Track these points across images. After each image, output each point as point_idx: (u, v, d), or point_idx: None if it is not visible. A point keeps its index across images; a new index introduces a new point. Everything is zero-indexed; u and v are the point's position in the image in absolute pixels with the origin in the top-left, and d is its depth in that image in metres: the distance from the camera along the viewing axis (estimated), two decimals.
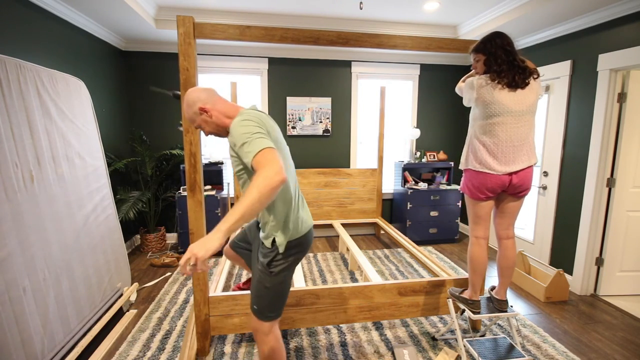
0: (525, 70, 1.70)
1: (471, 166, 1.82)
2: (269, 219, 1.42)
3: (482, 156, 1.77)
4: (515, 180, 1.75)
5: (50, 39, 2.59)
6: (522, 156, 1.74)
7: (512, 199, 1.86)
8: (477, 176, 1.80)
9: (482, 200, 1.83)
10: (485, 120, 1.75)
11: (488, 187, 1.77)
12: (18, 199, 1.70)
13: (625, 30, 2.50)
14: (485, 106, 1.74)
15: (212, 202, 3.60)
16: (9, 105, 1.72)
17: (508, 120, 1.71)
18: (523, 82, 1.69)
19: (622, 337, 2.25)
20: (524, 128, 1.73)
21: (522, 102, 1.70)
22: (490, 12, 3.20)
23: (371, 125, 4.48)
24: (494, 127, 1.73)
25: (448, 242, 4.21)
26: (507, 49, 1.70)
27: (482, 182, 1.78)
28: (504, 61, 1.69)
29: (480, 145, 1.78)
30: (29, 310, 1.67)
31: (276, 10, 3.30)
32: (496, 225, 1.94)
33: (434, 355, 2.05)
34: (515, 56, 1.70)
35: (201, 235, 1.94)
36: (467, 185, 1.87)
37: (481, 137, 1.78)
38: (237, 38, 1.84)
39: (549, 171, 3.20)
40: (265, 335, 1.47)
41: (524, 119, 1.72)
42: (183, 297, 2.73)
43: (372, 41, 1.98)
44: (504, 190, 1.81)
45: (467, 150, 1.86)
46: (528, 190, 1.82)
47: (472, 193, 1.84)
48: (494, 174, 1.74)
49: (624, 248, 2.75)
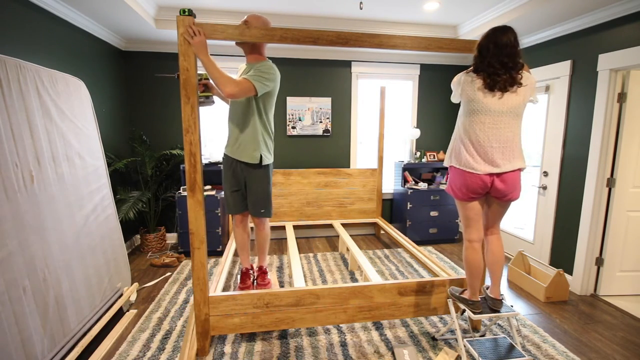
0: (511, 74, 1.67)
1: (454, 163, 1.84)
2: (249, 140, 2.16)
3: (463, 154, 1.78)
4: (498, 184, 1.74)
5: (50, 39, 2.59)
6: (503, 159, 1.72)
7: (496, 203, 1.86)
8: (458, 175, 1.81)
9: (467, 201, 1.84)
10: (467, 117, 1.77)
11: (469, 186, 1.77)
12: (18, 199, 1.70)
13: (625, 30, 2.50)
14: (467, 102, 1.76)
15: (212, 202, 3.60)
16: (9, 105, 1.72)
17: (486, 119, 1.71)
18: (504, 87, 1.67)
19: (622, 337, 2.25)
20: (505, 130, 1.71)
21: (503, 103, 1.69)
22: (490, 12, 3.20)
23: (371, 125, 4.48)
24: (473, 126, 1.75)
25: (448, 242, 4.21)
26: (497, 47, 1.67)
27: (462, 181, 1.79)
28: (490, 61, 1.68)
29: (461, 144, 1.80)
30: (29, 310, 1.67)
31: (276, 10, 3.30)
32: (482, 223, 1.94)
33: (434, 355, 2.05)
34: (503, 58, 1.66)
35: (201, 235, 1.94)
36: (451, 185, 1.89)
37: (462, 136, 1.80)
38: (237, 38, 1.84)
39: (549, 171, 3.20)
40: (267, 224, 2.37)
41: (503, 120, 1.71)
42: (183, 297, 2.73)
43: (372, 41, 1.97)
44: (489, 193, 1.80)
45: (451, 147, 1.89)
46: (514, 196, 1.79)
47: (455, 193, 1.86)
48: (474, 172, 1.74)
49: (624, 248, 2.75)
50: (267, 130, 2.17)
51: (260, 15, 2.11)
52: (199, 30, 1.75)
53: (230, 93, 1.85)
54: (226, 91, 1.84)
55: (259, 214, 2.26)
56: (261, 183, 2.21)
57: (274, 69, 2.08)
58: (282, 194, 4.11)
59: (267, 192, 2.26)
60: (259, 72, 2.00)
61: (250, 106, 2.10)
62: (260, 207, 2.25)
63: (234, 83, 1.87)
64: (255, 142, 2.12)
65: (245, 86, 1.91)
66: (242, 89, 1.90)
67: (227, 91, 1.84)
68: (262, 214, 2.27)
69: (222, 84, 1.84)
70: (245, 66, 2.19)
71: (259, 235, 2.38)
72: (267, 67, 2.04)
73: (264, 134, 2.15)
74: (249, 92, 1.94)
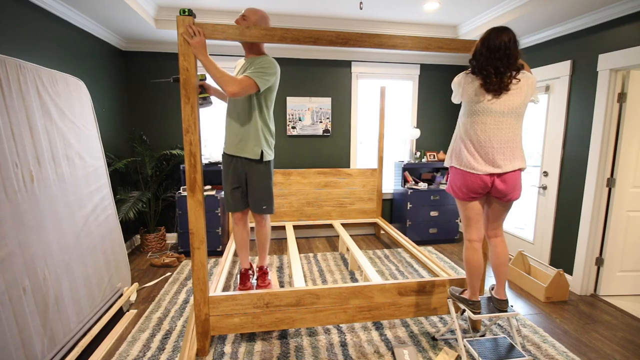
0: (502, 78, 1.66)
1: (454, 164, 1.84)
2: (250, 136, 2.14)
3: (463, 155, 1.78)
4: (499, 184, 1.74)
5: (50, 39, 2.59)
6: (504, 159, 1.72)
7: (498, 203, 1.86)
8: (459, 175, 1.81)
9: (468, 201, 1.84)
10: (468, 118, 1.77)
11: (469, 186, 1.77)
12: (18, 199, 1.70)
13: (625, 30, 2.50)
14: (468, 103, 1.76)
15: (212, 202, 3.60)
16: (9, 105, 1.72)
17: (488, 120, 1.71)
18: (502, 87, 1.67)
19: (622, 337, 2.25)
20: (506, 130, 1.71)
21: (504, 104, 1.69)
22: (490, 12, 3.20)
23: (371, 125, 4.48)
24: (475, 127, 1.75)
25: (448, 242, 4.21)
26: (489, 51, 1.65)
27: (463, 181, 1.79)
28: (483, 65, 1.67)
29: (462, 144, 1.80)
30: (29, 310, 1.67)
31: (276, 10, 3.30)
32: (484, 225, 1.94)
33: (434, 355, 2.05)
34: (496, 62, 1.65)
35: (201, 235, 1.94)
36: (451, 185, 1.89)
37: (463, 136, 1.80)
38: (237, 38, 1.84)
39: (549, 171, 3.20)
40: (268, 221, 2.37)
41: (504, 121, 1.71)
42: (183, 297, 2.73)
43: (372, 41, 1.97)
44: (489, 193, 1.81)
45: (452, 148, 1.89)
46: (514, 197, 1.79)
47: (455, 193, 1.86)
48: (475, 173, 1.75)
49: (624, 248, 2.75)
50: (268, 126, 2.16)
51: (258, 9, 2.09)
52: (199, 31, 1.75)
53: (232, 92, 1.85)
54: (229, 90, 1.84)
55: (261, 210, 2.25)
56: (263, 179, 2.20)
57: (274, 64, 2.06)
58: (282, 194, 4.11)
59: (269, 187, 2.24)
60: (259, 68, 1.99)
61: (250, 102, 2.08)
62: (262, 203, 2.24)
63: (235, 82, 1.86)
64: (256, 137, 2.11)
65: (247, 84, 1.91)
66: (244, 87, 1.90)
67: (229, 90, 1.84)
68: (264, 210, 2.25)
69: (224, 84, 1.84)
70: (245, 61, 2.15)
71: (260, 233, 2.38)
72: (267, 62, 2.03)
73: (264, 130, 2.15)
74: (251, 89, 1.94)
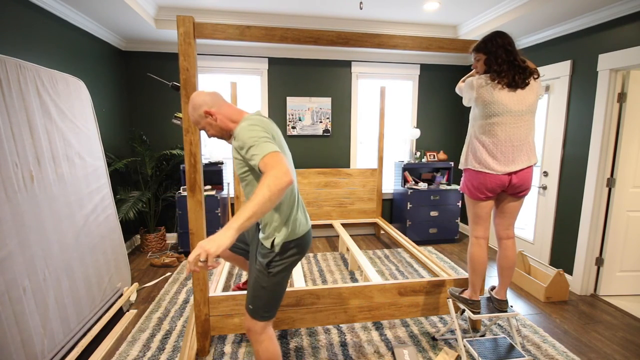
0: (526, 70, 1.70)
1: (470, 166, 1.82)
2: (271, 220, 1.43)
3: (481, 156, 1.77)
4: (515, 180, 1.75)
5: (50, 39, 2.59)
6: (522, 156, 1.74)
7: (512, 199, 1.86)
8: (476, 176, 1.80)
9: (482, 200, 1.83)
10: (485, 120, 1.75)
11: (488, 187, 1.77)
12: (18, 199, 1.70)
13: (625, 30, 2.50)
14: (484, 106, 1.74)
15: (212, 202, 3.60)
16: (9, 105, 1.72)
17: (507, 120, 1.71)
18: (523, 82, 1.69)
19: (622, 337, 2.25)
20: (524, 128, 1.73)
21: (521, 102, 1.70)
22: (490, 12, 3.20)
23: (371, 125, 4.48)
24: (494, 127, 1.74)
25: (448, 242, 4.21)
26: (508, 48, 1.70)
27: (481, 182, 1.78)
28: (504, 61, 1.69)
29: (480, 145, 1.78)
30: (29, 310, 1.67)
31: (276, 10, 3.30)
32: (496, 225, 1.94)
33: (434, 355, 2.05)
34: (515, 56, 1.70)
35: (201, 235, 1.94)
36: (467, 185, 1.87)
37: (480, 137, 1.78)
38: (237, 38, 1.84)
39: (549, 171, 3.20)
40: (259, 334, 1.51)
41: (523, 119, 1.72)
42: (183, 297, 2.73)
43: (372, 41, 1.97)
44: (504, 190, 1.81)
45: (467, 150, 1.87)
46: (528, 190, 1.82)
47: (471, 193, 1.84)
48: (494, 173, 1.74)
49: (624, 248, 2.75)
50: None
51: (200, 92, 1.47)
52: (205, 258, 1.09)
53: (288, 182, 1.16)
54: (284, 186, 1.15)
55: (246, 306, 1.55)
56: None
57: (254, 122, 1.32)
58: None
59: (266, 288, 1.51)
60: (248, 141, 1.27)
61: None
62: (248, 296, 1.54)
63: (272, 178, 1.14)
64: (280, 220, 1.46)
65: (272, 162, 1.20)
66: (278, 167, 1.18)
67: (283, 187, 1.15)
68: (248, 309, 1.53)
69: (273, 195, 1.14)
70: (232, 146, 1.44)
71: None
72: (245, 129, 1.30)
73: None
74: (279, 160, 1.21)
